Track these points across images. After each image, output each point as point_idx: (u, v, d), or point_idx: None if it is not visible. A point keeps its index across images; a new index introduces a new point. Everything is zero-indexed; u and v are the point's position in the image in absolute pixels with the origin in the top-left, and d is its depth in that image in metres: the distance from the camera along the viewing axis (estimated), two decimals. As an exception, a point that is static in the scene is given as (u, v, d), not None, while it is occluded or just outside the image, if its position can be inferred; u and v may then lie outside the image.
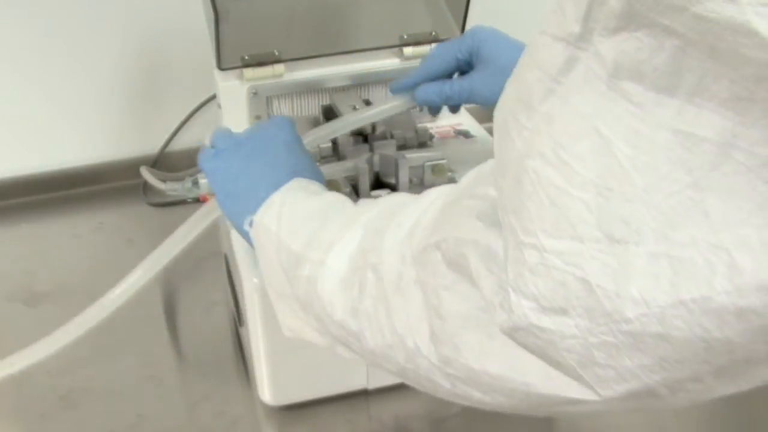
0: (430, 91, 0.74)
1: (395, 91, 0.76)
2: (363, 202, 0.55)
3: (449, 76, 0.75)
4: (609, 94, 0.32)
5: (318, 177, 0.62)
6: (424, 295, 0.44)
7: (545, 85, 0.35)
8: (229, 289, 0.81)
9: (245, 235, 0.59)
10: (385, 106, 0.75)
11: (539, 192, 0.35)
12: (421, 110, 0.84)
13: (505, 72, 0.50)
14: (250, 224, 0.58)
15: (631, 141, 0.32)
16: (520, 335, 0.38)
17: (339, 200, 0.56)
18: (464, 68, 0.75)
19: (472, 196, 0.43)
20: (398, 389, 0.73)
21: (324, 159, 0.78)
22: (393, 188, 0.74)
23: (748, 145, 0.30)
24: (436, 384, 0.45)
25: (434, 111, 0.82)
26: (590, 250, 0.34)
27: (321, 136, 0.74)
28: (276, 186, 0.58)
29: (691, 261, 0.32)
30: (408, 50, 0.85)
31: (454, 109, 0.80)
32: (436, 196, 0.47)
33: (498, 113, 0.38)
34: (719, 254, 0.31)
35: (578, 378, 0.37)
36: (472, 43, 0.74)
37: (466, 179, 0.45)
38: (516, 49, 0.73)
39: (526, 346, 0.38)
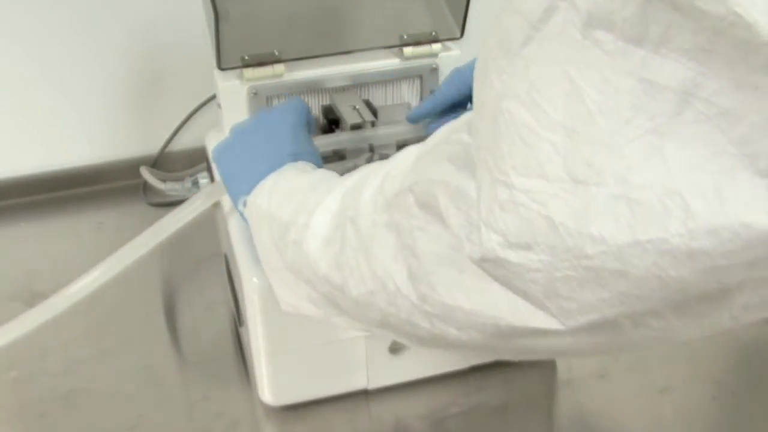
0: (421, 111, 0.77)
1: (413, 120, 0.77)
2: (349, 173, 0.57)
3: (465, 102, 0.76)
4: (582, 42, 0.34)
5: (318, 162, 0.64)
6: (399, 237, 0.45)
7: (525, 31, 0.36)
8: (229, 289, 0.81)
9: (242, 215, 0.62)
10: (394, 129, 0.77)
11: (512, 132, 0.37)
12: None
13: None
14: (245, 204, 0.60)
15: (599, 87, 0.34)
16: (488, 266, 0.40)
17: (328, 174, 0.59)
18: None
19: (446, 143, 0.44)
20: (399, 389, 0.73)
21: (324, 159, 0.78)
22: (393, 188, 0.74)
23: (707, 95, 0.31)
24: (416, 326, 0.46)
25: None
26: (555, 189, 0.36)
27: (322, 144, 0.75)
28: (273, 168, 0.61)
29: (648, 204, 0.33)
30: (408, 50, 0.85)
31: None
32: (411, 149, 0.49)
33: (479, 57, 0.40)
34: (674, 198, 0.33)
35: (544, 308, 0.39)
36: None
37: (440, 131, 0.47)
38: None
39: (494, 277, 0.40)
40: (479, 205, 0.39)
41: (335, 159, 0.78)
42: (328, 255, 0.50)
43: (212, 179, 0.83)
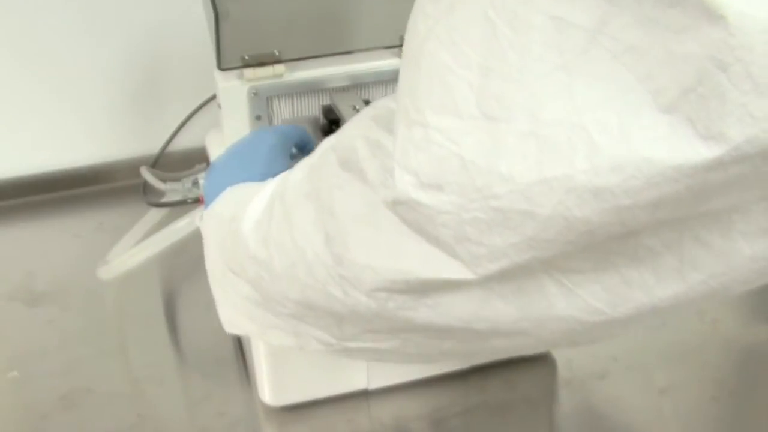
0: None
1: None
2: None
3: None
4: None
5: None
6: (319, 201, 0.45)
7: None
8: (229, 289, 0.81)
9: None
10: None
11: (432, 72, 0.37)
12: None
13: None
14: (201, 218, 0.60)
15: (512, 24, 0.34)
16: (401, 210, 0.40)
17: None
18: None
19: (372, 107, 0.45)
20: (399, 389, 0.73)
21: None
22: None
23: (614, 32, 0.32)
24: (331, 297, 0.46)
25: None
26: (468, 126, 0.36)
27: None
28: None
29: (555, 140, 0.34)
30: (408, 50, 0.85)
31: None
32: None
33: (412, 13, 0.41)
34: (580, 134, 0.33)
35: (454, 255, 0.39)
36: None
37: (370, 105, 0.48)
38: None
39: (407, 222, 0.40)
40: (395, 148, 0.39)
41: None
42: (258, 234, 0.50)
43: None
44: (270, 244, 0.49)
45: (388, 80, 0.85)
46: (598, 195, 0.34)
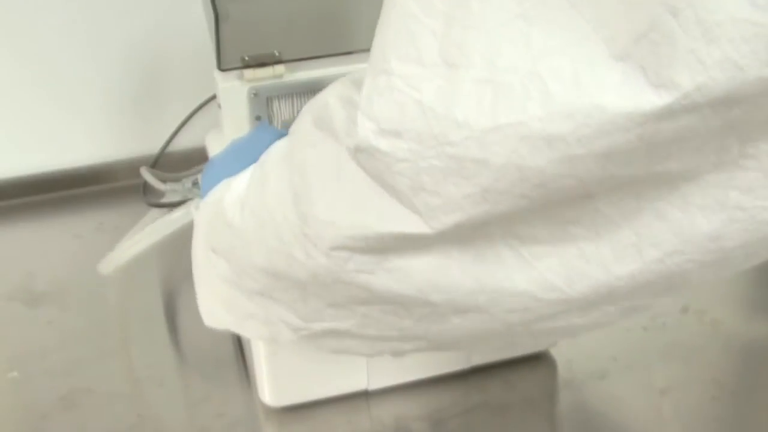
0: None
1: None
2: None
3: None
4: None
5: None
6: (292, 159, 0.46)
7: None
8: (229, 290, 0.81)
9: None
10: None
11: (399, 22, 0.38)
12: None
13: None
14: (196, 208, 0.60)
15: None
16: (362, 158, 0.40)
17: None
18: None
19: (352, 73, 0.46)
20: (399, 390, 0.73)
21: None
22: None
23: None
24: (294, 260, 0.46)
25: None
26: (429, 73, 0.36)
27: None
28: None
29: (511, 87, 0.34)
30: (408, 50, 0.85)
31: None
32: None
33: None
34: (535, 81, 0.33)
35: (411, 206, 0.39)
36: None
37: None
38: None
39: (367, 171, 0.40)
40: (361, 97, 0.40)
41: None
42: (236, 203, 0.50)
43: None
44: (245, 210, 0.49)
45: (388, 80, 0.85)
46: (550, 143, 0.34)
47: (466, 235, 0.39)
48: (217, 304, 0.56)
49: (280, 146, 0.49)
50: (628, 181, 0.36)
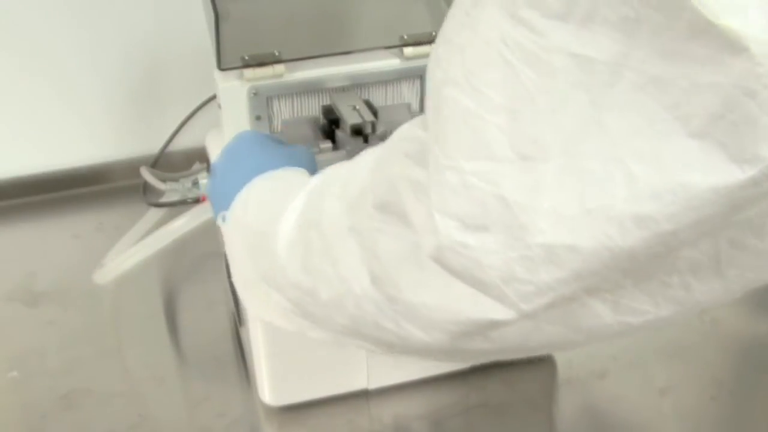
0: None
1: None
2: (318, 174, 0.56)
3: None
4: (511, 22, 0.35)
5: (303, 163, 0.64)
6: (361, 240, 0.46)
7: (459, 19, 0.38)
8: (229, 289, 0.81)
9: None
10: None
11: (456, 118, 0.38)
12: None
13: None
14: (223, 219, 0.60)
15: (533, 65, 0.35)
16: (446, 256, 0.40)
17: (297, 178, 0.59)
18: None
19: (402, 140, 0.45)
20: (399, 390, 0.73)
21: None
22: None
23: (636, 64, 0.33)
24: (383, 329, 0.46)
25: None
26: (505, 168, 0.37)
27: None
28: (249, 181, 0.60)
29: (593, 172, 0.35)
30: (408, 50, 0.85)
31: None
32: (372, 150, 0.49)
33: (429, 58, 0.42)
34: (617, 165, 0.34)
35: (502, 297, 0.39)
36: None
37: (399, 130, 0.47)
38: None
39: (452, 269, 0.40)
40: (430, 194, 0.40)
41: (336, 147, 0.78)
42: (295, 259, 0.50)
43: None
44: (312, 273, 0.49)
45: (388, 80, 0.85)
46: (639, 223, 0.35)
47: (559, 304, 0.40)
48: (274, 316, 0.57)
49: (337, 213, 0.48)
50: (709, 232, 0.38)
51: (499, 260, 0.38)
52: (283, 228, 0.52)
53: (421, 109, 0.87)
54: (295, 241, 0.50)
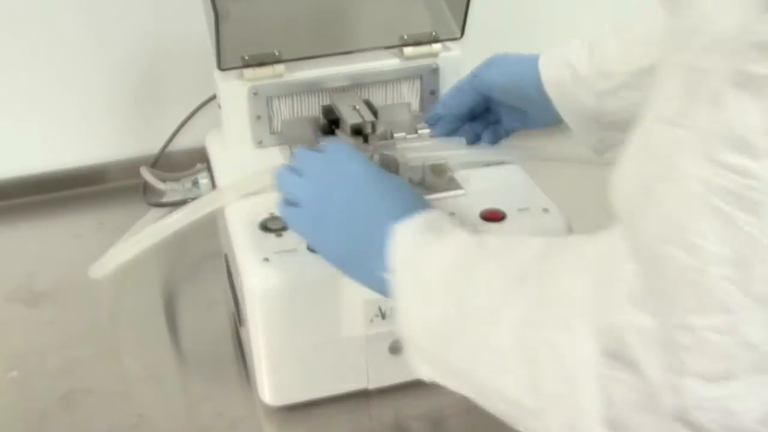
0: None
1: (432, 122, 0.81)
2: (486, 240, 0.53)
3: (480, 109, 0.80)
4: (715, 170, 0.35)
5: (420, 200, 0.60)
6: (597, 384, 0.43)
7: (658, 171, 0.38)
8: (229, 289, 0.81)
9: (377, 282, 0.56)
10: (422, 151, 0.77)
11: (676, 276, 0.37)
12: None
13: (509, 63, 0.62)
14: (388, 271, 0.55)
15: (751, 210, 0.35)
16: (693, 415, 0.39)
17: (472, 246, 0.53)
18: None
19: (617, 279, 0.42)
20: (399, 389, 0.73)
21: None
22: (393, 188, 0.74)
23: None
24: None
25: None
26: (743, 316, 0.36)
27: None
28: (394, 219, 0.55)
29: None
30: (408, 50, 0.85)
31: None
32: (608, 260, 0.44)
33: (620, 201, 0.41)
34: None
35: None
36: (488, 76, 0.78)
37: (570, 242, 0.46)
38: (521, 55, 0.77)
39: (700, 426, 0.39)
40: (661, 353, 0.39)
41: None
42: (517, 376, 0.46)
43: (212, 180, 0.83)
44: (541, 396, 0.45)
45: (388, 80, 0.85)
46: None
47: None
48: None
49: (566, 348, 0.44)
50: None
51: (756, 402, 0.37)
52: (495, 340, 0.47)
53: (421, 109, 0.87)
54: (519, 358, 0.46)
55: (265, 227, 0.69)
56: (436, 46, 0.85)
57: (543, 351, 0.45)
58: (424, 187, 0.74)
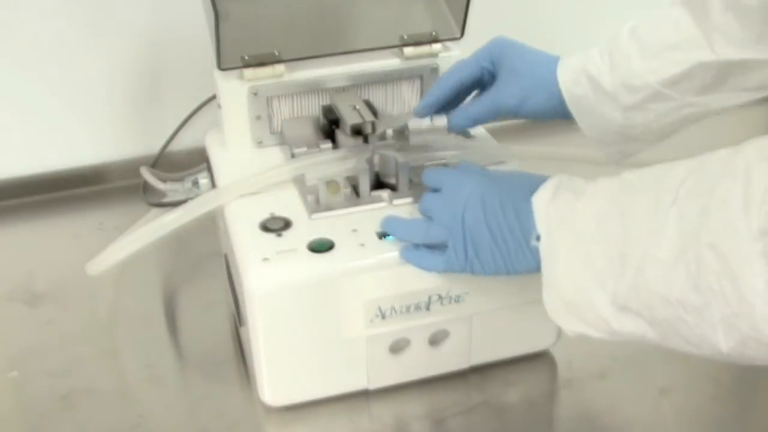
0: (462, 119, 0.77)
1: (421, 114, 0.78)
2: (636, 178, 0.55)
3: (470, 88, 0.77)
4: None
5: (539, 175, 0.63)
6: (762, 275, 0.46)
7: None
8: (229, 289, 0.81)
9: (528, 252, 0.60)
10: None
11: None
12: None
13: (527, 78, 0.64)
14: (538, 239, 0.58)
15: None
16: None
17: (613, 189, 0.56)
18: (487, 79, 0.77)
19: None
20: (399, 389, 0.73)
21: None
22: (393, 188, 0.74)
23: None
24: None
25: (466, 133, 0.82)
26: None
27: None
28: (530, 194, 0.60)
29: None
30: (408, 50, 0.85)
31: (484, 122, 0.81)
32: (754, 163, 0.48)
33: None
34: None
35: None
36: (494, 52, 0.75)
37: None
38: (536, 55, 0.75)
39: None
40: None
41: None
42: (680, 278, 0.50)
43: (212, 180, 0.83)
44: (704, 292, 0.49)
45: (388, 80, 0.85)
46: None
47: None
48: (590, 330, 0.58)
49: (732, 233, 0.47)
50: None
51: None
52: (657, 252, 0.51)
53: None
54: (679, 261, 0.50)
55: (265, 227, 0.69)
56: (436, 46, 0.85)
57: (705, 252, 0.48)
58: (424, 186, 0.74)
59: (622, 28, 0.71)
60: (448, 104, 0.78)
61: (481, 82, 0.77)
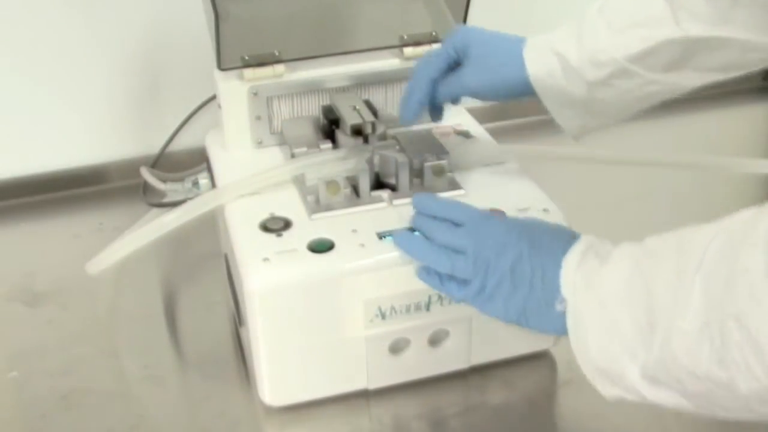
0: (411, 107, 0.76)
1: (407, 123, 0.78)
2: (660, 243, 0.54)
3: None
4: None
5: (568, 230, 0.63)
6: None
7: None
8: (229, 289, 0.81)
9: (554, 317, 0.59)
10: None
11: None
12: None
13: (491, 58, 0.63)
14: (561, 302, 0.58)
15: None
16: None
17: (636, 255, 0.55)
18: (454, 67, 0.76)
19: None
20: (399, 389, 0.73)
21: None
22: (393, 188, 0.74)
23: None
24: None
25: (435, 117, 0.81)
26: None
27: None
28: (557, 258, 0.58)
29: None
30: (408, 50, 0.85)
31: (455, 101, 0.80)
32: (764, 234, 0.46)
33: None
34: None
35: None
36: (457, 40, 0.75)
37: None
38: (501, 38, 0.74)
39: None
40: None
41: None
42: (705, 352, 0.48)
43: (212, 180, 0.83)
44: (729, 366, 0.47)
45: (388, 80, 0.85)
46: None
47: None
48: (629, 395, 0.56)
49: (753, 303, 0.46)
50: None
51: None
52: (683, 324, 0.49)
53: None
54: (703, 334, 0.48)
55: (265, 227, 0.69)
56: (436, 46, 0.85)
57: (729, 323, 0.47)
58: (424, 187, 0.74)
59: (592, 5, 0.71)
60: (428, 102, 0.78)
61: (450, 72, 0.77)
